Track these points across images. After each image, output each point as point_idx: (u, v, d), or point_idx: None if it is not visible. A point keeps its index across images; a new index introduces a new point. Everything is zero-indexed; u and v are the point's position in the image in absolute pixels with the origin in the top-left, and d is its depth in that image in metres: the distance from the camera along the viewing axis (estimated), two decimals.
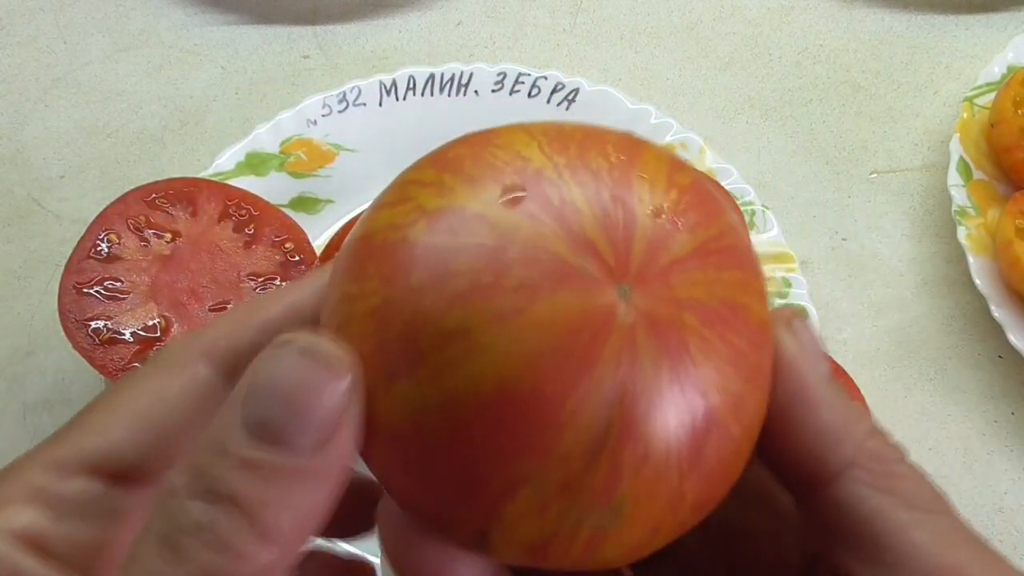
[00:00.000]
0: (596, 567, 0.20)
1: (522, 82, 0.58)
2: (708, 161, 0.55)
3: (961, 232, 0.52)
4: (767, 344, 0.21)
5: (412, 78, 0.58)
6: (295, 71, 0.65)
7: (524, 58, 0.65)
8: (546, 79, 0.57)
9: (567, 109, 0.57)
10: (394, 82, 0.58)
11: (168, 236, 0.49)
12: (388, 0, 0.68)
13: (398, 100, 0.58)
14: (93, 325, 0.46)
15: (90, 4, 0.68)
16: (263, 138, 0.56)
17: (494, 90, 0.58)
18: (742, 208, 0.51)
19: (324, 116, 0.57)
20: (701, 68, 0.64)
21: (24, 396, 0.53)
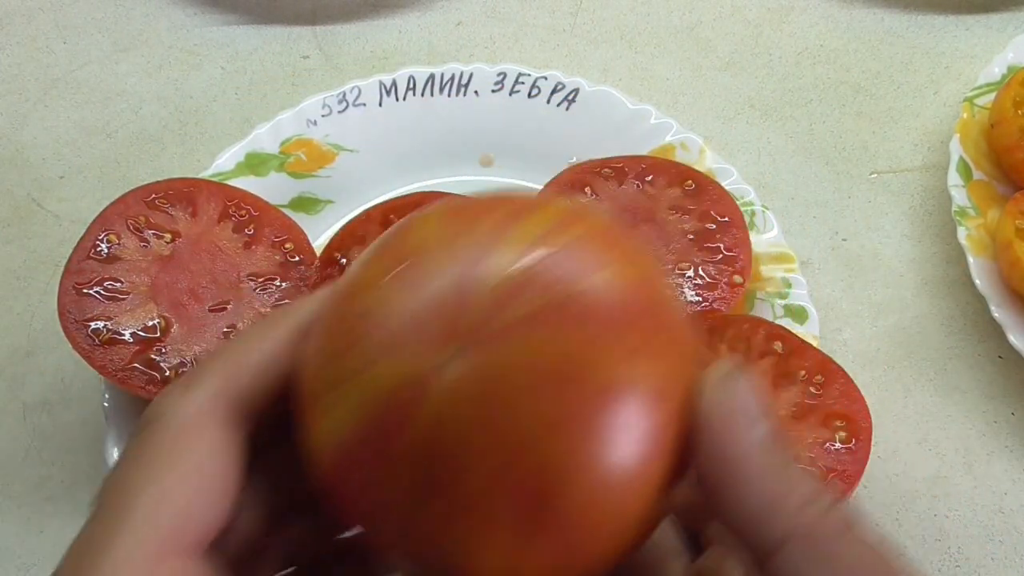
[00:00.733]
0: None
1: (522, 82, 0.58)
2: (708, 161, 0.55)
3: (961, 232, 0.52)
4: (622, 407, 0.21)
5: (412, 78, 0.58)
6: (295, 71, 0.65)
7: (524, 58, 0.65)
8: (546, 79, 0.57)
9: (567, 109, 0.57)
10: (394, 82, 0.58)
11: (168, 236, 0.49)
12: (388, 0, 0.68)
13: (398, 100, 0.58)
14: (93, 325, 0.46)
15: (90, 4, 0.68)
16: (263, 138, 0.56)
17: (494, 90, 0.58)
18: (742, 208, 0.51)
19: (324, 116, 0.57)
20: (701, 68, 0.64)
21: (24, 396, 0.53)
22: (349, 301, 0.23)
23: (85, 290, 0.46)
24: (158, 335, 0.46)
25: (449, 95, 0.58)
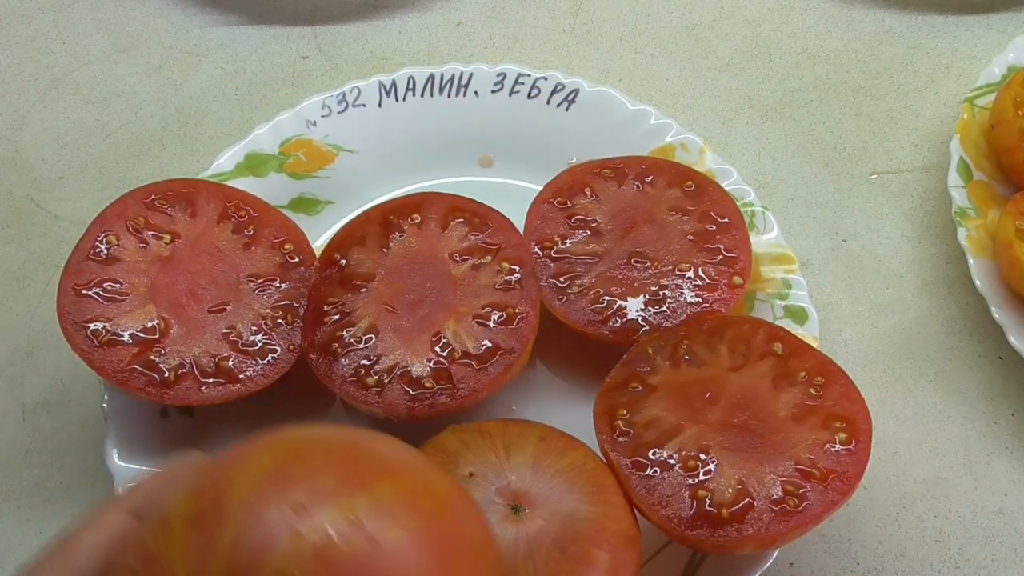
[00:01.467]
0: None
1: (522, 83, 0.58)
2: (708, 162, 0.54)
3: (961, 233, 0.52)
4: None
5: (412, 79, 0.58)
6: (294, 72, 0.65)
7: (524, 58, 0.65)
8: (546, 79, 0.57)
9: (567, 110, 0.57)
10: (394, 83, 0.58)
11: (167, 237, 0.49)
12: (388, 0, 0.67)
13: (398, 101, 0.58)
14: (92, 327, 0.46)
15: (89, 5, 0.68)
16: (262, 139, 0.56)
17: (494, 91, 0.58)
18: (742, 209, 0.51)
19: (323, 117, 0.57)
20: (701, 68, 0.64)
21: (23, 397, 0.53)
22: (154, 530, 0.25)
23: (84, 291, 0.46)
24: (157, 336, 0.46)
25: (449, 95, 0.58)
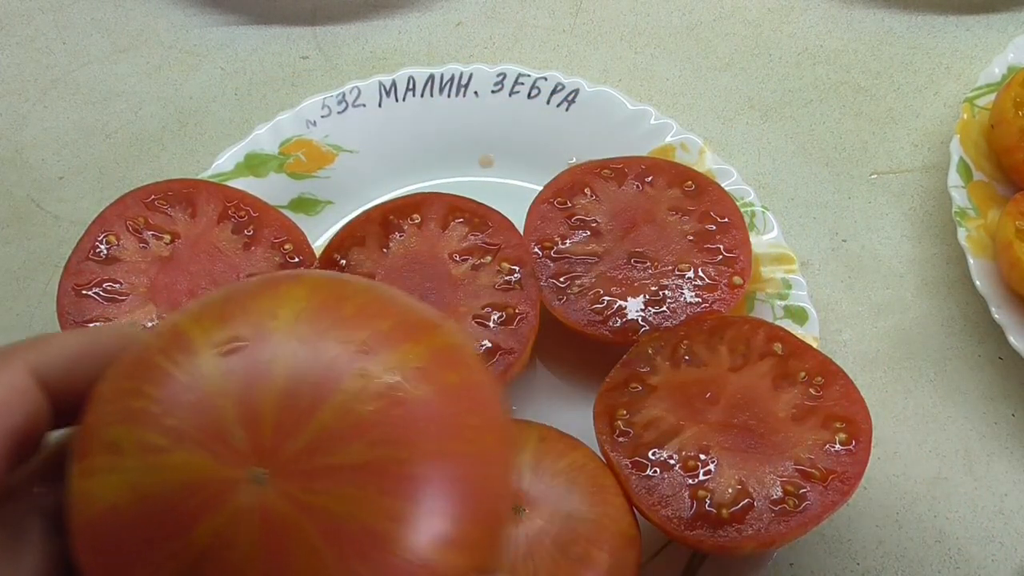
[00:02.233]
0: None
1: (522, 83, 0.58)
2: (708, 162, 0.54)
3: (961, 233, 0.52)
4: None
5: (412, 79, 0.58)
6: (294, 72, 0.65)
7: (524, 59, 0.65)
8: (546, 80, 0.57)
9: (567, 110, 0.57)
10: (394, 83, 0.58)
11: (167, 237, 0.49)
12: (388, 0, 0.67)
13: (398, 101, 0.58)
14: (92, 327, 0.46)
15: (89, 4, 0.68)
16: (262, 139, 0.56)
17: (494, 91, 0.58)
18: (742, 209, 0.51)
19: (323, 117, 0.57)
20: (701, 68, 0.64)
21: None
22: (171, 348, 0.22)
23: (84, 291, 0.46)
24: None
25: (449, 96, 0.58)
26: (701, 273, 0.49)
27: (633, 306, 0.48)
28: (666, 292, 0.48)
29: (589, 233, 0.51)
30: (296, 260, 0.50)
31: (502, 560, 0.22)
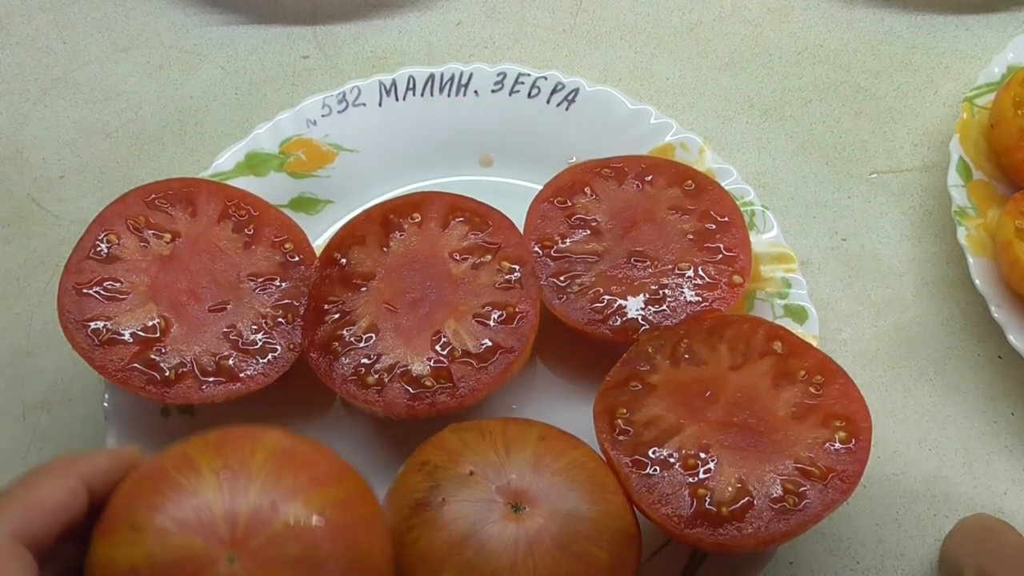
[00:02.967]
0: None
1: (522, 82, 0.58)
2: (708, 161, 0.55)
3: (961, 232, 0.52)
4: None
5: (412, 78, 0.58)
6: (295, 71, 0.65)
7: (524, 58, 0.65)
8: (546, 79, 0.57)
9: (567, 109, 0.57)
10: (394, 82, 0.58)
11: (167, 236, 0.49)
12: (388, 0, 0.68)
13: (398, 100, 0.58)
14: (92, 325, 0.46)
15: (89, 4, 0.68)
16: (263, 138, 0.56)
17: (494, 90, 0.58)
18: (742, 208, 0.51)
19: (324, 116, 0.57)
20: (701, 68, 0.64)
21: (24, 396, 0.53)
22: (182, 467, 0.33)
23: (85, 290, 0.46)
24: (158, 335, 0.46)
25: (449, 95, 0.58)
26: (701, 272, 0.49)
27: (633, 305, 0.48)
28: (666, 291, 0.48)
29: (589, 232, 0.51)
30: (296, 259, 0.50)
31: None
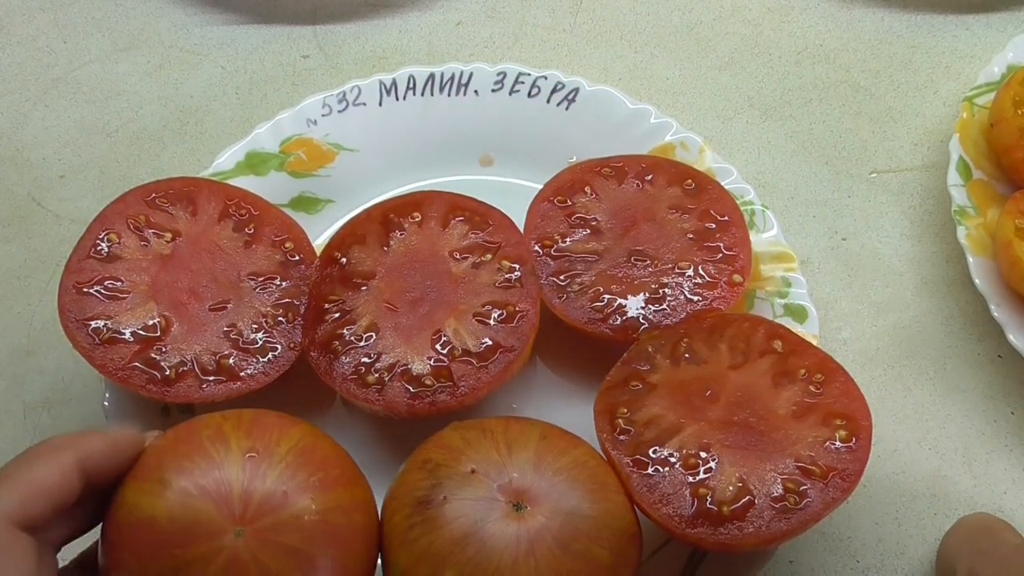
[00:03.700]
0: None
1: (522, 82, 0.58)
2: (708, 160, 0.55)
3: (961, 232, 0.52)
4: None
5: (412, 78, 0.58)
6: (295, 71, 0.65)
7: (524, 58, 0.65)
8: (546, 79, 0.58)
9: (567, 109, 0.57)
10: (394, 82, 0.58)
11: (168, 235, 0.49)
12: (388, 0, 0.68)
13: (398, 100, 0.58)
14: (93, 324, 0.46)
15: (90, 4, 0.68)
16: (263, 138, 0.56)
17: (494, 90, 0.58)
18: (742, 207, 0.51)
19: (324, 116, 0.57)
20: (701, 68, 0.64)
21: (24, 396, 0.53)
22: (215, 440, 0.36)
23: (85, 289, 0.46)
24: (158, 334, 0.46)
25: (449, 95, 0.58)
26: (701, 271, 0.49)
27: (633, 304, 0.48)
28: (666, 290, 0.48)
29: (589, 231, 0.51)
30: (297, 258, 0.50)
31: None
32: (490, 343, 0.46)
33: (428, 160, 0.58)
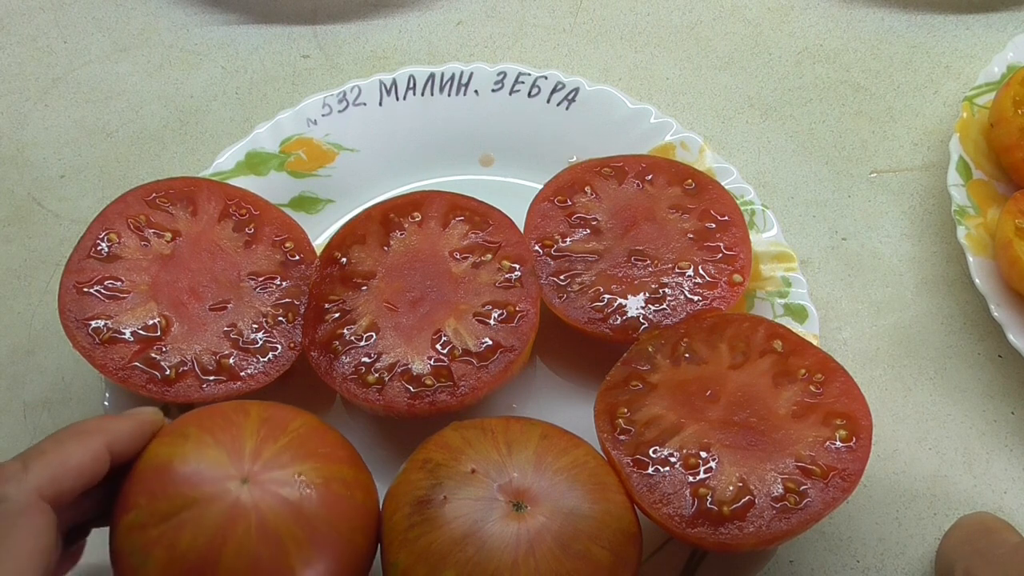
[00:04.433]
0: None
1: (522, 82, 0.58)
2: (708, 160, 0.55)
3: (961, 232, 0.52)
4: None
5: (412, 77, 0.58)
6: (295, 71, 0.65)
7: (524, 58, 0.65)
8: (546, 79, 0.58)
9: (567, 109, 0.57)
10: (394, 81, 0.58)
11: (168, 235, 0.49)
12: (388, 0, 0.68)
13: (398, 100, 0.58)
14: (93, 324, 0.46)
15: (90, 4, 0.68)
16: (263, 138, 0.56)
17: (494, 90, 0.58)
18: (742, 207, 0.51)
19: (324, 116, 0.57)
20: (701, 68, 0.64)
21: (24, 395, 0.53)
22: (237, 410, 0.40)
23: (86, 289, 0.46)
24: (158, 334, 0.46)
25: (449, 95, 0.58)
26: (701, 271, 0.49)
27: (633, 304, 0.48)
28: (666, 290, 0.48)
29: (589, 231, 0.51)
30: (297, 258, 0.50)
31: None
32: (490, 343, 0.46)
33: (428, 160, 0.58)
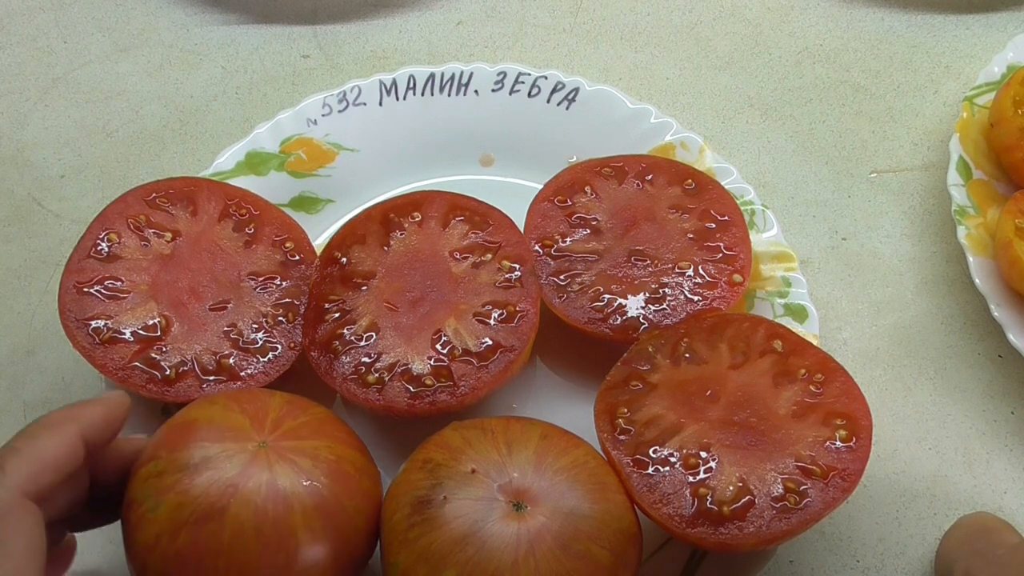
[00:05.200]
0: None
1: (522, 81, 0.58)
2: (708, 160, 0.55)
3: (961, 232, 0.52)
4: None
5: (412, 77, 0.58)
6: (295, 71, 0.65)
7: (524, 58, 0.65)
8: (546, 79, 0.58)
9: (567, 109, 0.57)
10: (394, 81, 0.58)
11: (168, 235, 0.49)
12: (388, 0, 0.68)
13: (398, 100, 0.58)
14: (93, 324, 0.46)
15: (90, 4, 0.68)
16: (263, 138, 0.56)
17: (494, 90, 0.58)
18: (742, 207, 0.51)
19: (324, 116, 0.57)
20: (701, 68, 0.64)
21: (24, 395, 0.53)
22: (258, 391, 0.43)
23: (86, 289, 0.46)
24: (158, 334, 0.46)
25: (449, 95, 0.58)
26: (701, 271, 0.49)
27: (633, 304, 0.48)
28: (666, 290, 0.48)
29: (589, 231, 0.51)
30: (297, 258, 0.50)
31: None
32: (490, 343, 0.46)
33: (428, 160, 0.58)
